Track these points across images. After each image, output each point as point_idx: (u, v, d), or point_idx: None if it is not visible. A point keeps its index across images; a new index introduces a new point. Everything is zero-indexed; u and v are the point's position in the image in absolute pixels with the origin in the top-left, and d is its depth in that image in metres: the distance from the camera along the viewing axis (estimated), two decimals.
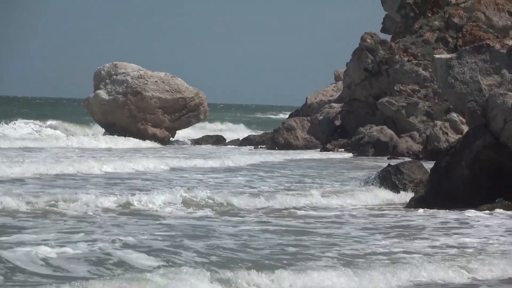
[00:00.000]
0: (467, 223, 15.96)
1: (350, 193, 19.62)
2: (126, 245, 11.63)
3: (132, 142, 40.46)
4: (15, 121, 48.71)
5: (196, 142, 45.12)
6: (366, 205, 18.52)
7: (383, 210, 17.91)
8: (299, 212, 16.90)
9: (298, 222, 15.47)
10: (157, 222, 14.68)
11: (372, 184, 20.21)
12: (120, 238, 12.10)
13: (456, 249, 12.88)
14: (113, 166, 26.25)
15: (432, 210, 17.64)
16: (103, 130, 43.36)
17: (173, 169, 27.14)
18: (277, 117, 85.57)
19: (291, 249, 12.38)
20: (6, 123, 47.85)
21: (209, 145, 44.30)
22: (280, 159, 33.37)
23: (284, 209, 17.26)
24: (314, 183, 22.97)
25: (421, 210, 17.69)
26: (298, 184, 22.92)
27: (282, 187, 21.87)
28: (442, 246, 13.14)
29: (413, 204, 18.44)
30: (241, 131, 56.86)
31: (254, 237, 13.37)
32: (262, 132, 48.77)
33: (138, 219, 15.00)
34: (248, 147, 42.45)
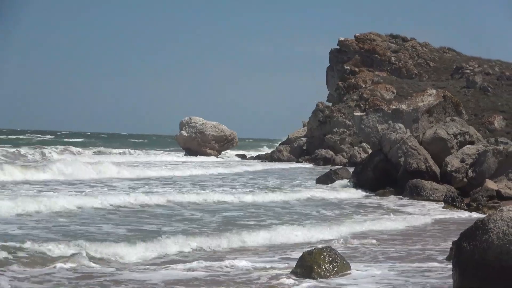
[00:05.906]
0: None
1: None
2: None
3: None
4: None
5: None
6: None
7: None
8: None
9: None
10: None
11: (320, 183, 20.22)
12: None
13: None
14: None
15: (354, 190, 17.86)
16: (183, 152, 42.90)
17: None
18: (273, 144, 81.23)
19: None
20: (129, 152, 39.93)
21: (238, 158, 43.15)
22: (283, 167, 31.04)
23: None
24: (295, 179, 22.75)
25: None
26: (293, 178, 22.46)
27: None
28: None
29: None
30: (253, 151, 54.74)
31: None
32: (265, 152, 48.22)
33: None
34: (257, 160, 41.71)
